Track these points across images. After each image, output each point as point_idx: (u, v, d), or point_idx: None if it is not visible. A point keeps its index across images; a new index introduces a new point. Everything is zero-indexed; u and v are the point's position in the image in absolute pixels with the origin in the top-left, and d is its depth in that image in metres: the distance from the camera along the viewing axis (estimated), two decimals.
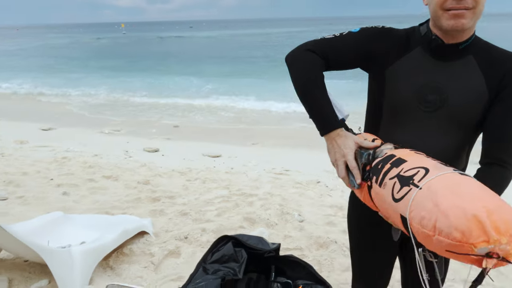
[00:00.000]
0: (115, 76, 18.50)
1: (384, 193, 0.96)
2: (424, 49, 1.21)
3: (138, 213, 3.44)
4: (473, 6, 1.06)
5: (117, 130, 9.05)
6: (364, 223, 1.46)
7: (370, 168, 1.07)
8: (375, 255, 1.48)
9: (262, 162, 5.98)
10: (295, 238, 3.14)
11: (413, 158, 0.99)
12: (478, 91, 1.16)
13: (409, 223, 0.84)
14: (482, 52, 1.18)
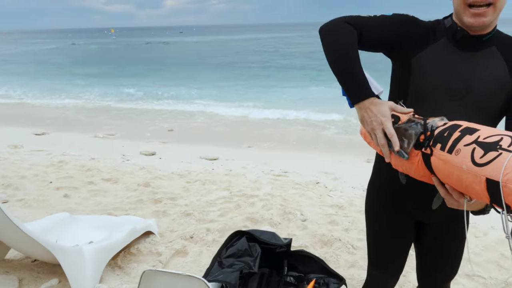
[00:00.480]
0: (106, 81, 18.42)
1: (457, 159, 0.97)
2: (449, 40, 1.26)
3: (141, 214, 3.44)
4: (493, 1, 1.12)
5: (112, 134, 9.00)
6: (383, 210, 1.51)
7: (428, 136, 1.09)
8: (392, 242, 1.53)
9: (260, 164, 6.01)
10: (299, 236, 3.18)
11: (483, 127, 1.01)
12: (502, 81, 1.22)
13: (501, 184, 0.85)
14: (504, 43, 1.25)
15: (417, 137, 1.10)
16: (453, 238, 1.50)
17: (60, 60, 32.22)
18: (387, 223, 1.51)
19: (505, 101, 1.23)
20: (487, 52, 1.24)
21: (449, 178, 1.03)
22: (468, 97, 1.22)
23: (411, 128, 1.12)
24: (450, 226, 1.47)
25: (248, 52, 37.30)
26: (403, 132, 1.14)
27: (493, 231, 3.45)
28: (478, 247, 3.11)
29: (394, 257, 1.56)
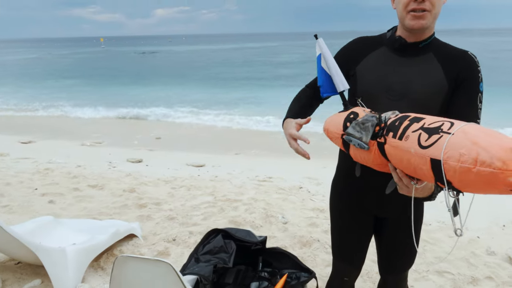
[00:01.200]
0: (94, 90, 18.40)
1: (406, 145, 1.07)
2: (389, 48, 1.43)
3: (125, 219, 3.51)
4: (430, 9, 1.29)
5: (99, 142, 9.02)
6: (344, 207, 1.63)
7: (382, 127, 1.20)
8: (353, 236, 1.64)
9: (245, 170, 6.11)
10: (280, 238, 3.27)
11: (428, 116, 1.12)
12: (439, 84, 1.36)
13: (442, 162, 0.94)
14: (440, 49, 1.40)
15: (373, 129, 1.22)
16: (408, 230, 1.61)
17: (47, 69, 32.03)
18: (348, 219, 1.63)
19: (443, 102, 1.37)
20: (424, 58, 1.38)
21: (400, 162, 1.13)
22: (407, 99, 1.35)
23: (368, 121, 1.24)
24: (404, 220, 1.59)
25: (236, 61, 37.55)
26: (361, 126, 1.25)
27: (466, 231, 3.59)
28: (450, 246, 3.24)
29: (355, 250, 1.68)
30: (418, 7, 1.29)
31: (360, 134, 1.24)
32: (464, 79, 1.36)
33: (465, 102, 1.37)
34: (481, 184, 0.88)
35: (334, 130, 1.38)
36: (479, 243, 3.31)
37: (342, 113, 1.39)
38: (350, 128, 1.29)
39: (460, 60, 1.37)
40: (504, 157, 0.83)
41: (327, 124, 1.44)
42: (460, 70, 1.36)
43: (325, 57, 1.43)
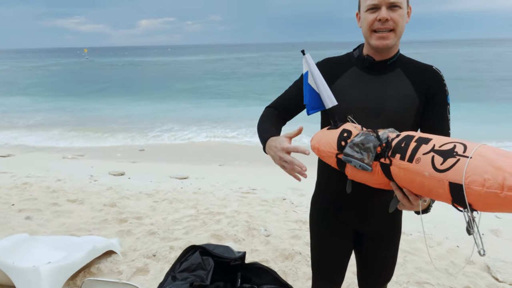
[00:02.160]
0: (76, 102, 18.16)
1: (418, 168, 1.06)
2: (359, 68, 1.46)
3: (104, 234, 3.44)
4: (393, 28, 1.33)
5: (81, 155, 8.89)
6: (324, 223, 1.62)
7: (385, 147, 1.18)
8: (334, 252, 1.64)
9: (229, 182, 6.08)
10: (262, 251, 3.25)
11: (434, 136, 1.12)
12: (410, 98, 1.39)
13: (465, 187, 0.94)
14: (407, 65, 1.44)
15: (375, 150, 1.19)
16: (387, 246, 1.63)
17: (28, 80, 31.49)
18: (329, 236, 1.63)
19: (415, 116, 1.40)
20: (393, 74, 1.42)
21: (410, 184, 1.11)
22: (383, 115, 1.37)
23: (368, 141, 1.21)
24: (384, 235, 1.60)
25: (219, 71, 37.64)
26: (361, 146, 1.22)
27: (446, 241, 3.63)
28: (431, 256, 3.27)
29: (336, 268, 1.67)
30: (382, 27, 1.32)
31: (361, 155, 1.22)
32: (433, 94, 1.40)
33: (437, 115, 1.40)
34: (507, 206, 0.90)
35: (326, 149, 1.36)
36: (459, 253, 3.35)
37: (333, 130, 1.37)
38: (348, 148, 1.26)
39: (427, 75, 1.41)
40: None
41: (317, 142, 1.42)
42: (428, 85, 1.40)
43: (313, 74, 1.41)
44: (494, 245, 3.56)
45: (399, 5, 1.31)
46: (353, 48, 1.53)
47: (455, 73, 26.93)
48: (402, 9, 1.33)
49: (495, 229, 3.96)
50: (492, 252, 3.35)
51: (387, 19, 1.31)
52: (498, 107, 14.36)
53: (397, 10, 1.32)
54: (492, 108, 14.22)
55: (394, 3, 1.31)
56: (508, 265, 2.98)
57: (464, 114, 12.23)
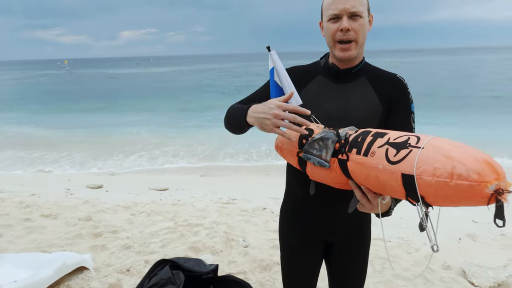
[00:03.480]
0: (57, 115, 17.83)
1: (373, 161, 1.04)
2: (324, 76, 1.46)
3: (77, 250, 3.33)
4: (355, 38, 1.34)
5: (58, 167, 8.70)
6: (293, 233, 1.60)
7: (343, 143, 1.16)
8: (304, 262, 1.61)
9: (209, 193, 6.02)
10: (240, 263, 3.20)
11: (390, 131, 1.11)
12: (374, 106, 1.39)
13: (416, 177, 0.92)
14: (372, 73, 1.44)
15: (333, 145, 1.18)
16: (356, 255, 1.61)
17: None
18: (298, 247, 1.60)
19: (379, 124, 1.39)
20: (357, 83, 1.42)
21: (366, 180, 1.09)
22: (347, 122, 1.36)
23: (327, 137, 1.20)
24: (353, 244, 1.58)
25: (202, 82, 37.60)
26: (320, 143, 1.21)
27: (424, 247, 3.65)
28: (409, 263, 3.27)
29: (306, 277, 1.64)
30: (344, 38, 1.33)
31: (320, 151, 1.21)
32: (397, 102, 1.40)
33: (401, 123, 1.40)
34: (458, 197, 0.87)
35: (288, 148, 1.35)
36: (436, 258, 3.37)
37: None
38: (307, 145, 1.24)
39: (391, 83, 1.42)
40: (479, 169, 0.84)
41: (280, 141, 1.41)
42: (392, 93, 1.40)
43: (278, 71, 1.38)
44: (470, 250, 3.60)
45: (360, 14, 1.32)
46: (320, 57, 1.53)
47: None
48: (363, 18, 1.34)
49: (472, 234, 4.01)
50: (468, 257, 3.38)
51: (349, 29, 1.32)
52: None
53: (358, 19, 1.33)
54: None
55: (354, 13, 1.32)
56: (483, 269, 3.00)
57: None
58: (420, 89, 22.34)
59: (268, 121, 1.23)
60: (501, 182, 0.84)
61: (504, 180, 0.85)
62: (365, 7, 1.35)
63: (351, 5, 1.30)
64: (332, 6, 1.33)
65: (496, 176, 0.84)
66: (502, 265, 3.21)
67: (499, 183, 0.84)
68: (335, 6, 1.32)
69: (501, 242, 3.83)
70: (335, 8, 1.32)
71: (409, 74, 36.04)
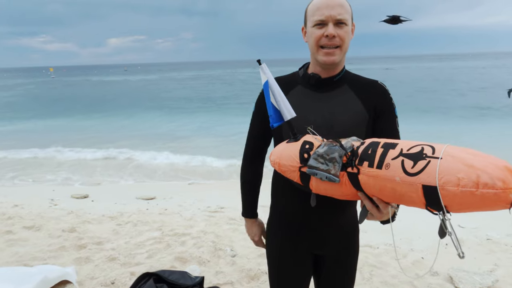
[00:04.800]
0: (38, 123, 17.54)
1: (388, 173, 1.02)
2: (305, 86, 1.44)
3: (61, 263, 3.25)
4: (340, 44, 1.33)
5: (42, 177, 8.53)
6: (282, 247, 1.57)
7: (351, 156, 1.14)
8: (293, 276, 1.58)
9: (197, 201, 5.97)
10: (227, 273, 3.16)
11: (399, 140, 1.10)
12: (359, 114, 1.38)
13: (439, 188, 0.92)
14: (354, 81, 1.43)
15: (341, 159, 1.15)
16: (345, 266, 1.59)
17: None
18: (287, 262, 1.57)
19: (366, 132, 1.38)
20: (340, 91, 1.41)
21: (381, 191, 1.07)
22: (332, 132, 1.35)
23: (332, 151, 1.17)
24: (342, 256, 1.56)
25: (190, 89, 37.47)
26: (325, 157, 1.17)
27: (411, 253, 3.66)
28: (396, 269, 3.27)
29: None
30: (329, 43, 1.32)
31: (327, 166, 1.17)
32: (382, 108, 1.40)
33: (387, 129, 1.40)
34: (483, 204, 0.88)
35: (288, 163, 1.30)
36: (424, 264, 3.38)
37: (293, 143, 1.32)
38: (312, 160, 1.21)
39: (374, 90, 1.41)
40: (503, 177, 0.86)
41: (277, 157, 1.36)
42: (376, 100, 1.40)
43: (270, 85, 1.36)
44: (456, 255, 3.61)
45: (345, 22, 1.32)
46: (299, 67, 1.51)
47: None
48: (347, 26, 1.34)
49: (458, 239, 4.03)
50: (455, 263, 3.39)
51: (334, 36, 1.31)
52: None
53: (343, 27, 1.32)
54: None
55: (340, 20, 1.31)
56: (469, 274, 3.02)
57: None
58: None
59: (249, 233, 1.79)
60: None
61: None
62: (349, 15, 1.35)
63: (337, 12, 1.30)
64: (318, 12, 1.32)
65: None
66: (488, 270, 3.23)
67: None
68: (321, 12, 1.32)
69: (486, 246, 3.86)
70: (321, 14, 1.31)
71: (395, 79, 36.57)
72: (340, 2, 1.32)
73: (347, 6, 1.34)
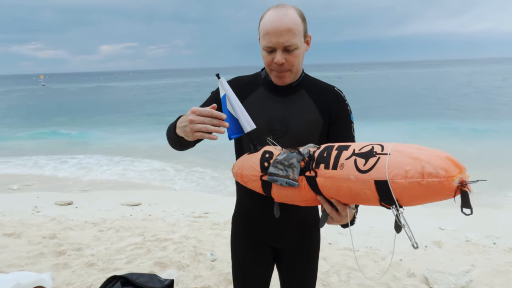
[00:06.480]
0: (26, 131, 17.38)
1: (343, 173, 1.07)
2: (265, 89, 1.48)
3: (38, 269, 3.23)
4: (290, 68, 1.36)
5: (28, 185, 8.43)
6: (244, 241, 1.61)
7: (307, 161, 1.18)
8: (255, 270, 1.62)
9: (182, 206, 5.95)
10: (205, 277, 3.16)
11: (352, 143, 1.15)
12: (314, 118, 1.42)
13: (389, 182, 0.97)
14: (311, 86, 1.46)
15: (299, 164, 1.19)
16: (306, 259, 1.62)
17: None
18: (248, 253, 1.61)
19: (320, 136, 1.42)
20: (297, 96, 1.44)
21: (338, 192, 1.11)
22: (288, 135, 1.39)
23: (291, 157, 1.21)
24: (301, 251, 1.60)
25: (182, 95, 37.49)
26: (285, 164, 1.21)
27: (391, 255, 3.70)
28: (374, 271, 3.30)
29: (257, 284, 1.65)
30: (278, 70, 1.35)
31: (286, 172, 1.20)
32: (337, 114, 1.43)
33: (342, 134, 1.44)
34: (430, 194, 0.94)
35: (250, 173, 1.33)
36: (401, 266, 3.41)
37: (253, 154, 1.35)
38: (271, 168, 1.24)
39: (330, 95, 1.44)
40: (445, 166, 0.92)
41: (239, 168, 1.39)
42: (331, 105, 1.43)
43: (229, 98, 1.36)
44: (435, 257, 3.66)
45: (295, 46, 1.31)
46: (261, 68, 1.53)
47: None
48: (298, 49, 1.33)
49: (438, 241, 4.09)
50: (432, 264, 3.43)
51: (283, 63, 1.33)
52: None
53: (293, 52, 1.32)
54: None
55: (289, 47, 1.30)
56: (444, 275, 3.05)
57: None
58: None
59: (187, 128, 1.22)
60: (463, 175, 0.92)
61: (465, 173, 0.93)
62: (300, 35, 1.32)
63: (285, 39, 1.28)
64: (266, 37, 1.30)
65: (459, 170, 0.92)
66: (464, 270, 3.28)
67: (462, 176, 0.92)
68: (269, 39, 1.29)
69: (465, 248, 3.92)
70: (270, 41, 1.30)
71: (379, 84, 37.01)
72: (288, 26, 1.27)
73: (297, 28, 1.29)
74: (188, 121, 1.21)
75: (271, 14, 1.30)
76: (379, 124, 15.49)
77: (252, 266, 1.63)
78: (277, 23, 1.27)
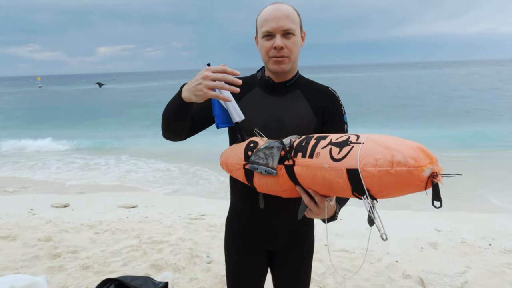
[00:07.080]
0: (23, 132, 17.31)
1: (318, 161, 1.08)
2: (261, 89, 1.51)
3: (32, 272, 3.21)
4: (288, 55, 1.39)
5: (24, 187, 8.40)
6: (238, 243, 1.62)
7: (288, 150, 1.19)
8: (249, 271, 1.63)
9: (179, 208, 5.94)
10: (201, 279, 3.16)
11: (331, 134, 1.16)
12: (308, 117, 1.44)
13: (360, 170, 0.96)
14: (306, 86, 1.50)
15: (279, 153, 1.21)
16: (299, 261, 1.63)
17: None
18: (242, 255, 1.62)
19: (314, 133, 1.42)
20: (292, 95, 1.47)
21: (313, 181, 1.12)
22: (283, 134, 1.40)
23: (271, 146, 1.23)
24: (295, 252, 1.61)
25: None
26: (265, 152, 1.23)
27: (387, 256, 3.70)
28: (370, 273, 3.30)
29: (253, 284, 1.65)
30: (277, 55, 1.38)
31: (266, 160, 1.22)
32: (330, 114, 1.46)
33: (335, 133, 1.44)
34: (399, 184, 0.92)
35: (234, 162, 1.36)
36: (397, 267, 3.42)
37: (240, 143, 1.38)
38: (253, 156, 1.27)
39: (324, 95, 1.47)
40: (415, 155, 0.90)
41: (225, 157, 1.42)
42: (324, 105, 1.46)
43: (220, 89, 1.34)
44: (431, 258, 3.67)
45: (293, 32, 1.37)
46: (257, 70, 1.57)
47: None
48: (295, 36, 1.38)
49: (434, 242, 4.09)
50: (428, 265, 3.44)
51: (282, 47, 1.36)
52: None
53: (291, 37, 1.37)
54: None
55: (287, 31, 1.36)
56: (440, 276, 3.06)
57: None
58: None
59: (200, 85, 1.19)
60: (434, 166, 0.90)
61: (437, 164, 0.91)
62: (297, 25, 1.39)
63: (284, 23, 1.35)
64: (265, 23, 1.37)
65: (429, 160, 0.90)
66: (460, 272, 3.28)
67: (433, 167, 0.90)
68: (268, 24, 1.36)
69: (461, 249, 3.92)
70: (269, 26, 1.36)
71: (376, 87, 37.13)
72: (286, 14, 1.35)
73: (294, 17, 1.38)
74: (202, 77, 1.19)
75: (269, 6, 1.39)
76: (377, 127, 15.45)
77: (245, 268, 1.64)
78: (275, 11, 1.36)
